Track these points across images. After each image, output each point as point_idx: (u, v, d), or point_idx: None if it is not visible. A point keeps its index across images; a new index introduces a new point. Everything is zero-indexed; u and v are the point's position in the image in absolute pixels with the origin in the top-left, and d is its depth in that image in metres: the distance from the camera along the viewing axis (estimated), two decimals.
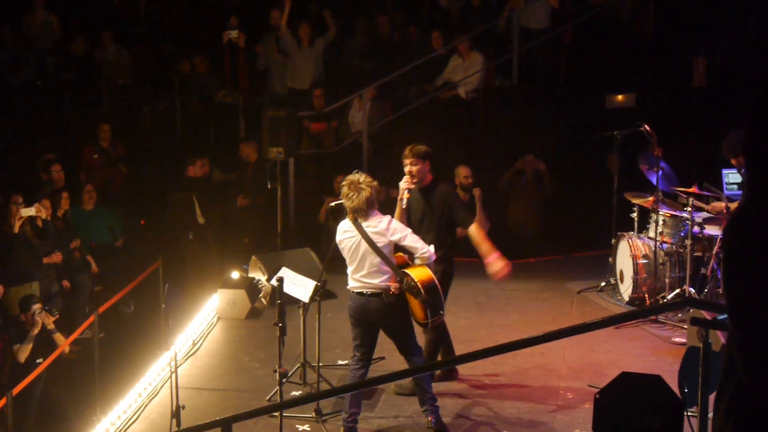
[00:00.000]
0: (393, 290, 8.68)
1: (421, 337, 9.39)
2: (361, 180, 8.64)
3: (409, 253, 8.85)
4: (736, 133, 10.52)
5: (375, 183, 8.77)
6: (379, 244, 8.61)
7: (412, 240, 8.77)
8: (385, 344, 9.18)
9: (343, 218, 8.85)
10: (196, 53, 17.52)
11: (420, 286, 8.65)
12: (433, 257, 8.85)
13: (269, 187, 13.64)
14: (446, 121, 16.20)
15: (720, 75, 15.77)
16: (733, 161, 10.98)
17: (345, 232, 8.77)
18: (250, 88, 17.50)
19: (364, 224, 8.63)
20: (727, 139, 10.78)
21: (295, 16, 16.80)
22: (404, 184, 9.41)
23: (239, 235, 14.84)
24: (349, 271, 8.83)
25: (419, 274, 8.76)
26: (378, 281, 8.67)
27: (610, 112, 15.58)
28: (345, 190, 8.68)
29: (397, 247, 8.81)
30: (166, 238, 14.58)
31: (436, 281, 8.79)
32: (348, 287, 8.89)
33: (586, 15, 16.69)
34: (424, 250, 8.78)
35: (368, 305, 8.73)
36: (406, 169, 9.46)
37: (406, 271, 8.77)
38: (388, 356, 9.74)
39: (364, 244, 8.62)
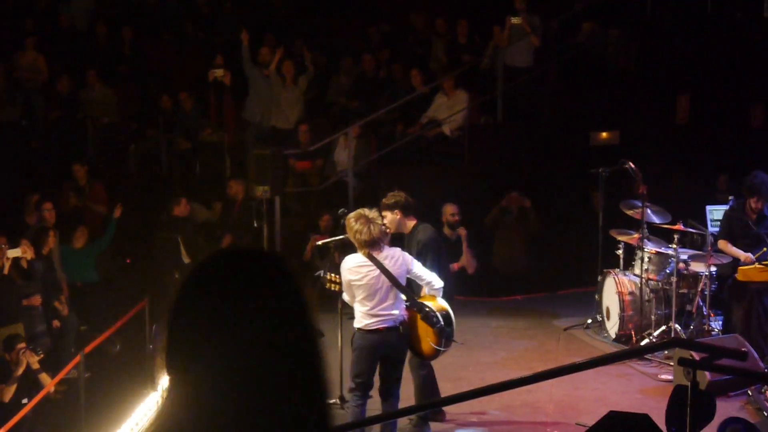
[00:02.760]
0: (406, 320, 8.71)
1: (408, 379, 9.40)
2: (370, 214, 8.59)
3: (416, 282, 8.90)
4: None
5: (379, 218, 8.75)
6: (396, 275, 8.59)
7: (423, 271, 8.82)
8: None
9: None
10: (182, 91, 17.53)
11: (437, 313, 8.71)
12: (441, 289, 8.90)
13: (255, 225, 13.66)
14: (432, 159, 16.25)
15: (703, 112, 15.86)
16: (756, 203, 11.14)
17: (361, 267, 8.60)
18: (236, 126, 17.53)
19: (379, 257, 8.59)
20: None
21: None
22: None
23: None
24: (362, 307, 8.64)
25: (433, 304, 8.84)
26: (398, 311, 8.64)
27: (595, 149, 15.63)
28: (355, 225, 8.52)
29: None
30: (152, 277, 14.55)
31: (449, 310, 8.87)
32: (357, 326, 8.71)
33: (569, 53, 16.79)
34: (432, 280, 8.81)
35: (387, 340, 8.63)
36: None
37: (421, 301, 8.81)
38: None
39: (383, 277, 8.55)
